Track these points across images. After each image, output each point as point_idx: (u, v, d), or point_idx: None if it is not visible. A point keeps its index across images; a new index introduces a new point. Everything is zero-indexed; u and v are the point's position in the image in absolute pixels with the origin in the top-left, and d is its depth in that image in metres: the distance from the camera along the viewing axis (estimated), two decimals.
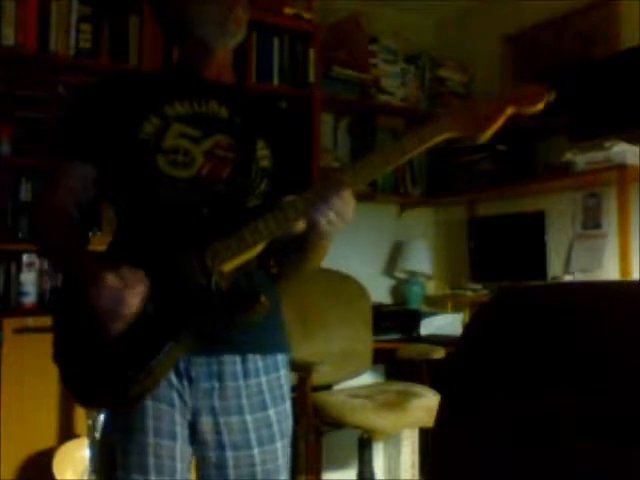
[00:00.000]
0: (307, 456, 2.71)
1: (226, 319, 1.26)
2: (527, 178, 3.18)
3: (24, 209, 2.63)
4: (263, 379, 1.36)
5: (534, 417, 0.68)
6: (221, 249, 1.25)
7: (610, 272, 2.94)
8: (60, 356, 1.33)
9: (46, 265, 2.65)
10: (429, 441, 3.11)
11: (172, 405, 1.30)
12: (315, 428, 2.66)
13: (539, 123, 3.11)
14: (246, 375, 1.34)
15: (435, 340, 3.09)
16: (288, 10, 3.09)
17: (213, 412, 1.32)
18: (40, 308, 2.60)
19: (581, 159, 2.90)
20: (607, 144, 2.80)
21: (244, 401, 1.33)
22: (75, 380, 1.31)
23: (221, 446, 1.32)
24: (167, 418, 1.30)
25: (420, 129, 1.28)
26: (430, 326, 3.35)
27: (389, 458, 3.36)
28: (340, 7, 3.45)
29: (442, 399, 0.80)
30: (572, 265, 3.17)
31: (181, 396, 1.31)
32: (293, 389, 1.48)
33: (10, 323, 2.44)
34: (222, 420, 1.32)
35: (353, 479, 2.94)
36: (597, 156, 2.84)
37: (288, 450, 1.41)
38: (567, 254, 3.22)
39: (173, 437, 1.30)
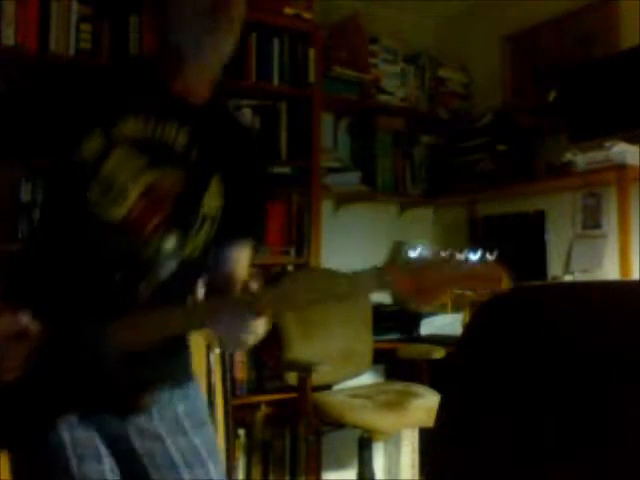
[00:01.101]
0: (307, 456, 2.71)
1: (108, 406, 1.17)
2: (527, 178, 3.17)
3: (24, 209, 2.63)
4: (180, 409, 1.28)
5: (534, 417, 0.68)
6: (125, 328, 1.12)
7: (610, 272, 2.94)
8: None
9: None
10: (429, 441, 3.11)
11: (88, 430, 1.19)
12: (315, 428, 2.66)
13: (539, 123, 3.11)
14: (162, 417, 1.25)
15: (435, 340, 3.08)
16: (288, 10, 3.08)
17: (131, 440, 1.23)
18: None
19: (581, 159, 2.90)
20: (607, 144, 2.80)
21: (161, 430, 1.25)
22: None
23: (145, 472, 1.23)
24: (87, 443, 1.18)
25: (356, 279, 1.14)
26: (430, 326, 3.35)
27: (389, 458, 3.36)
28: (340, 7, 3.45)
29: (442, 399, 0.80)
30: (572, 265, 3.17)
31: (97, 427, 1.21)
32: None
33: None
34: (142, 446, 1.23)
35: (353, 479, 2.94)
36: (597, 156, 2.84)
37: (222, 466, 1.34)
38: (567, 254, 3.22)
39: (99, 461, 1.19)
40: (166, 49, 1.23)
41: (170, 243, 1.21)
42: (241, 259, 1.35)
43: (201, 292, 1.39)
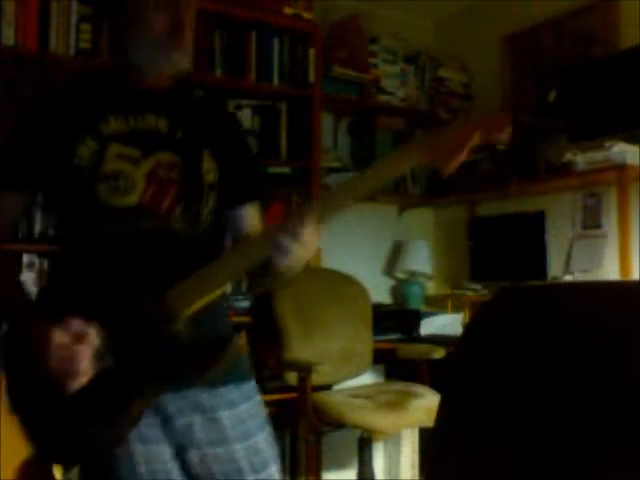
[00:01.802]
0: (307, 456, 2.71)
1: (193, 372, 1.20)
2: (527, 178, 3.17)
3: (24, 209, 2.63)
4: (243, 407, 1.33)
5: (534, 417, 0.68)
6: (182, 294, 1.18)
7: (610, 272, 2.94)
8: (18, 410, 1.24)
9: (46, 266, 2.65)
10: (429, 441, 3.11)
11: (158, 442, 1.25)
12: (315, 428, 2.66)
13: (539, 123, 3.11)
14: (224, 406, 1.30)
15: (435, 340, 3.08)
16: (288, 10, 3.08)
17: (198, 445, 1.27)
18: None
19: (581, 159, 2.90)
20: (607, 144, 2.80)
21: (229, 432, 1.29)
22: (37, 436, 1.23)
23: (212, 477, 1.28)
24: (159, 458, 1.25)
25: (383, 161, 1.24)
26: (430, 326, 3.35)
27: (389, 458, 3.36)
28: (340, 7, 3.45)
29: (442, 399, 0.80)
30: (572, 265, 3.17)
31: (164, 431, 1.26)
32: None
33: None
34: (209, 452, 1.28)
35: (353, 479, 2.94)
36: (597, 156, 2.84)
37: (279, 473, 1.38)
38: (567, 254, 3.22)
39: (169, 476, 1.25)
40: (125, 61, 1.30)
41: (187, 216, 1.28)
42: (252, 219, 1.43)
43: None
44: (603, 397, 0.63)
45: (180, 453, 1.28)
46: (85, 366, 1.13)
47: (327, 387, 2.95)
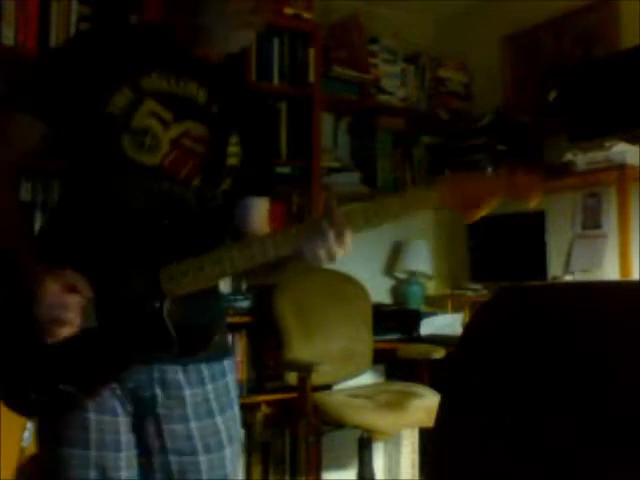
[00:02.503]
0: (307, 456, 2.71)
1: (175, 353, 1.20)
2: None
3: (24, 209, 2.63)
4: (209, 387, 1.32)
5: (534, 417, 0.68)
6: (178, 274, 1.17)
7: (610, 272, 2.94)
8: None
9: None
10: (429, 441, 3.11)
11: (115, 414, 1.26)
12: (315, 428, 2.66)
13: (539, 123, 3.11)
14: (190, 384, 1.29)
15: (435, 340, 3.08)
16: (288, 10, 3.08)
17: (156, 419, 1.28)
18: None
19: (581, 159, 2.90)
20: (607, 144, 2.80)
21: (189, 410, 1.29)
22: (6, 380, 1.24)
23: (164, 451, 1.28)
24: (111, 429, 1.25)
25: (406, 196, 1.20)
26: (430, 326, 3.35)
27: (389, 458, 3.36)
28: (340, 7, 3.45)
29: (442, 399, 0.80)
30: (572, 265, 3.17)
31: (124, 404, 1.26)
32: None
33: None
34: (165, 427, 1.28)
35: (353, 479, 2.94)
36: (597, 156, 2.84)
37: (238, 454, 1.38)
38: (567, 254, 3.22)
39: (117, 448, 1.26)
40: (189, 26, 1.27)
41: (203, 191, 1.26)
42: (260, 212, 1.42)
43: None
44: (603, 397, 0.63)
45: (138, 424, 1.28)
46: (71, 317, 1.14)
47: (327, 387, 2.95)
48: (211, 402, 1.31)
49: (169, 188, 1.23)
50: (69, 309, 1.13)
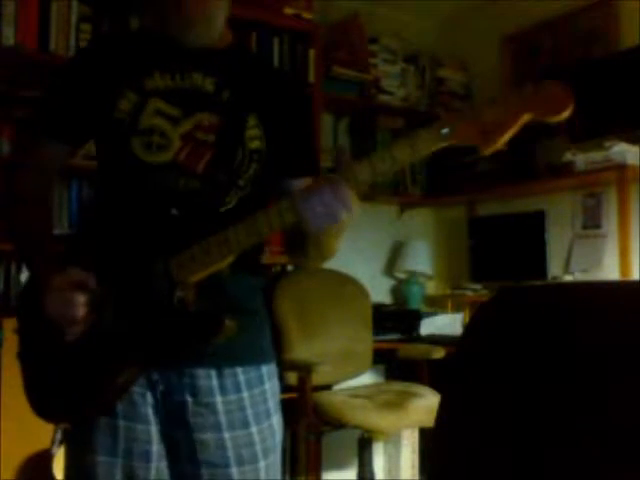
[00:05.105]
0: (307, 456, 2.71)
1: (190, 341, 1.17)
2: (527, 178, 3.17)
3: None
4: (245, 394, 1.24)
5: (534, 417, 0.68)
6: (186, 261, 1.13)
7: (610, 272, 2.94)
8: (22, 356, 1.26)
9: None
10: (429, 441, 3.11)
11: (147, 422, 1.21)
12: (315, 428, 2.66)
13: (539, 123, 3.10)
14: (224, 391, 1.23)
15: (435, 340, 3.09)
16: (288, 10, 3.08)
17: (187, 427, 1.21)
18: None
19: (581, 159, 2.90)
20: (607, 144, 2.80)
21: (221, 418, 1.22)
22: (32, 385, 1.23)
23: (196, 462, 1.22)
24: (142, 438, 1.20)
25: (414, 136, 1.09)
26: (430, 326, 3.35)
27: (389, 458, 3.36)
28: (340, 7, 3.45)
29: (442, 399, 0.80)
30: (572, 265, 3.17)
31: (156, 410, 1.22)
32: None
33: (10, 323, 2.42)
34: (196, 437, 1.21)
35: (353, 479, 2.94)
36: (597, 156, 2.84)
37: (276, 466, 1.29)
38: (567, 254, 3.22)
39: (148, 459, 1.20)
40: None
41: (222, 181, 1.23)
42: None
43: None
44: (603, 397, 0.63)
45: (169, 433, 1.23)
46: (78, 313, 1.13)
47: (327, 387, 2.95)
48: (246, 410, 1.24)
49: (185, 183, 1.21)
50: (72, 306, 1.13)
